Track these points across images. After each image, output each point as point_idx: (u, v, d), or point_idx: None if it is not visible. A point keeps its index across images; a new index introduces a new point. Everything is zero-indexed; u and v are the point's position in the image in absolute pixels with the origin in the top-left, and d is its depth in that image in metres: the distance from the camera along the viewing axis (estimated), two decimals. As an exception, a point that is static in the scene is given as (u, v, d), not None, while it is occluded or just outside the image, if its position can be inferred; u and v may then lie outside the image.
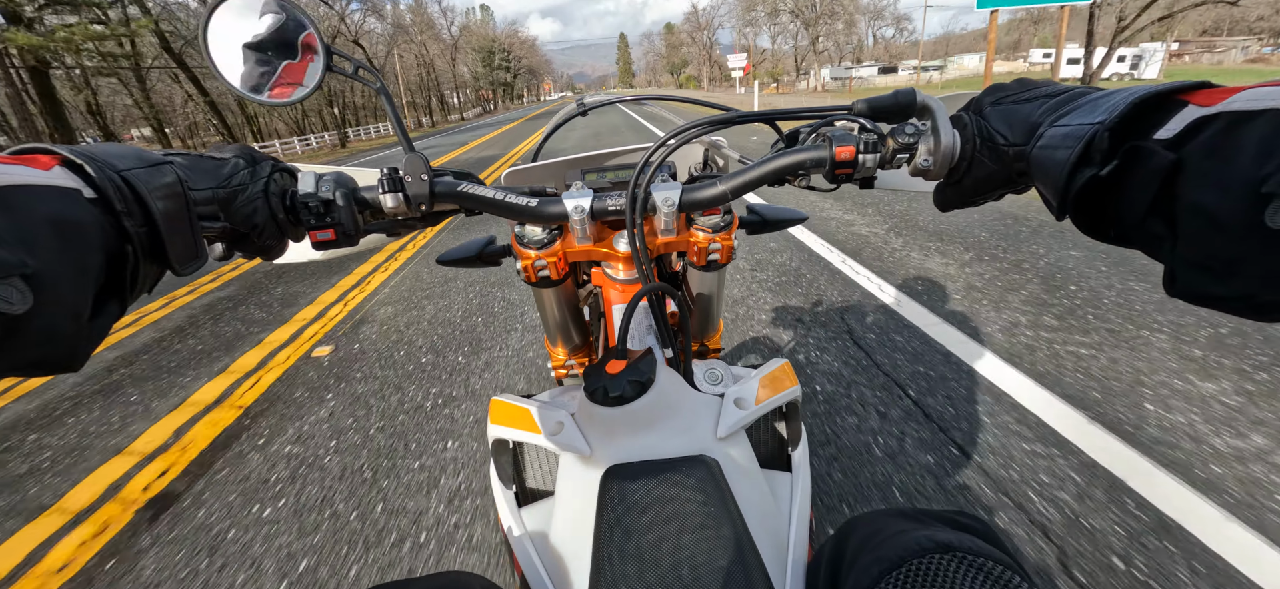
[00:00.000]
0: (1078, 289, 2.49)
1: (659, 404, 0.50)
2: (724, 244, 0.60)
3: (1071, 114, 0.35)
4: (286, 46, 0.52)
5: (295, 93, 0.53)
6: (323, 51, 0.52)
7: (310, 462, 1.79)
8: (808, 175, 0.53)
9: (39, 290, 0.26)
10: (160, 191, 0.35)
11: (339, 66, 0.53)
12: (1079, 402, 1.69)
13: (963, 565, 0.35)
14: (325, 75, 0.52)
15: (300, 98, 0.53)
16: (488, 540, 1.39)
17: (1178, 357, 1.89)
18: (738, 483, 0.46)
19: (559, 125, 0.94)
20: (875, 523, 0.44)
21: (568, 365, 0.94)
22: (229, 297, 3.62)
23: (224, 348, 2.79)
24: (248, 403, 2.20)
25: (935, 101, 0.46)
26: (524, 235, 0.61)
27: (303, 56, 0.52)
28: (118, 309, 0.34)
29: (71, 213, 0.29)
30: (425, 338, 2.64)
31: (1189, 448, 1.47)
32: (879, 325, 2.28)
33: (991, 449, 1.52)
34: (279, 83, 0.53)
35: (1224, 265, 0.27)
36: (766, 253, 3.36)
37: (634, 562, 0.41)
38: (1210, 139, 0.27)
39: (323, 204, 0.50)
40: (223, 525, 1.54)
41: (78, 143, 1.31)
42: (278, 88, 0.53)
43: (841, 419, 1.70)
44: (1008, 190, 0.45)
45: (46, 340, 0.28)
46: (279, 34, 0.51)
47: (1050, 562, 1.18)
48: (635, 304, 0.55)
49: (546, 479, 0.56)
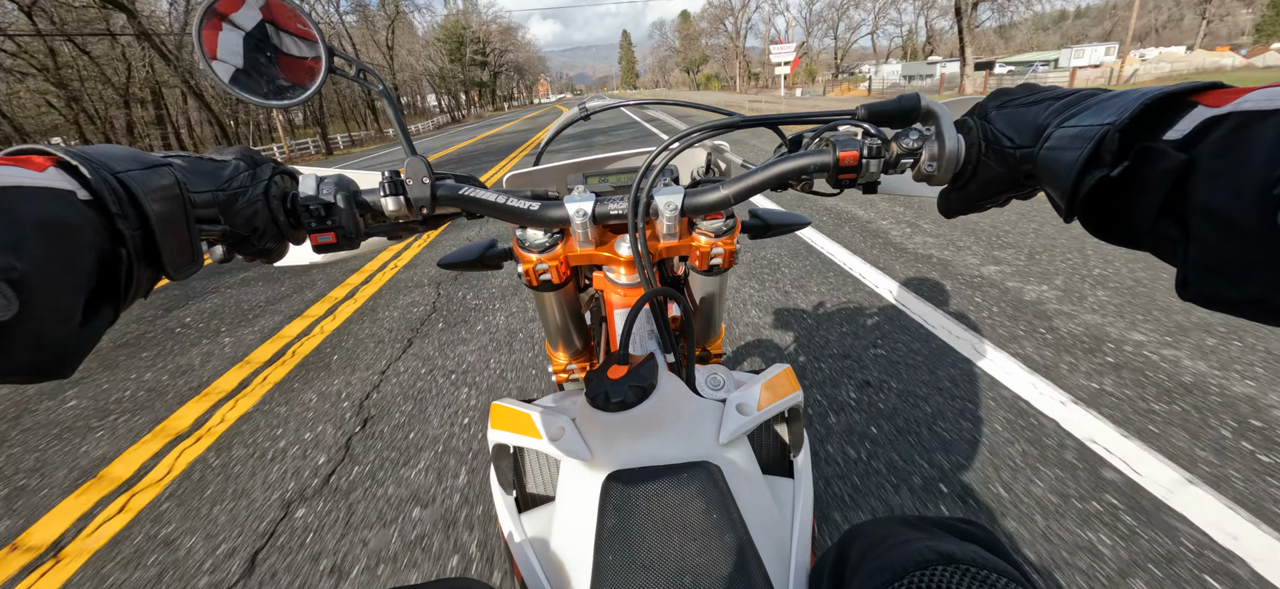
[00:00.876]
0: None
1: (661, 409, 0.50)
2: (726, 248, 0.59)
3: (1080, 115, 0.35)
4: (285, 47, 0.51)
5: (293, 95, 0.52)
6: (324, 53, 0.51)
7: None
8: (811, 180, 0.53)
9: (25, 294, 0.25)
10: (157, 194, 0.35)
11: (341, 68, 0.53)
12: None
13: (966, 577, 0.34)
14: (327, 77, 0.52)
15: (301, 100, 0.52)
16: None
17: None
18: (740, 489, 0.46)
19: (561, 130, 0.94)
20: (878, 531, 0.43)
21: (568, 370, 0.94)
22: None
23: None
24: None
25: (939, 106, 0.46)
26: (526, 239, 0.61)
27: (300, 58, 0.52)
28: (111, 313, 0.33)
29: (62, 215, 0.29)
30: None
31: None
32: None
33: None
34: (275, 84, 0.51)
35: (1237, 268, 0.26)
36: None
37: (636, 568, 0.40)
38: (1221, 140, 0.27)
39: (324, 207, 0.49)
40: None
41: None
42: (274, 90, 0.51)
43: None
44: (1014, 194, 0.44)
45: (34, 346, 0.27)
46: (274, 34, 0.50)
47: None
48: (638, 309, 0.54)
49: (547, 484, 0.55)
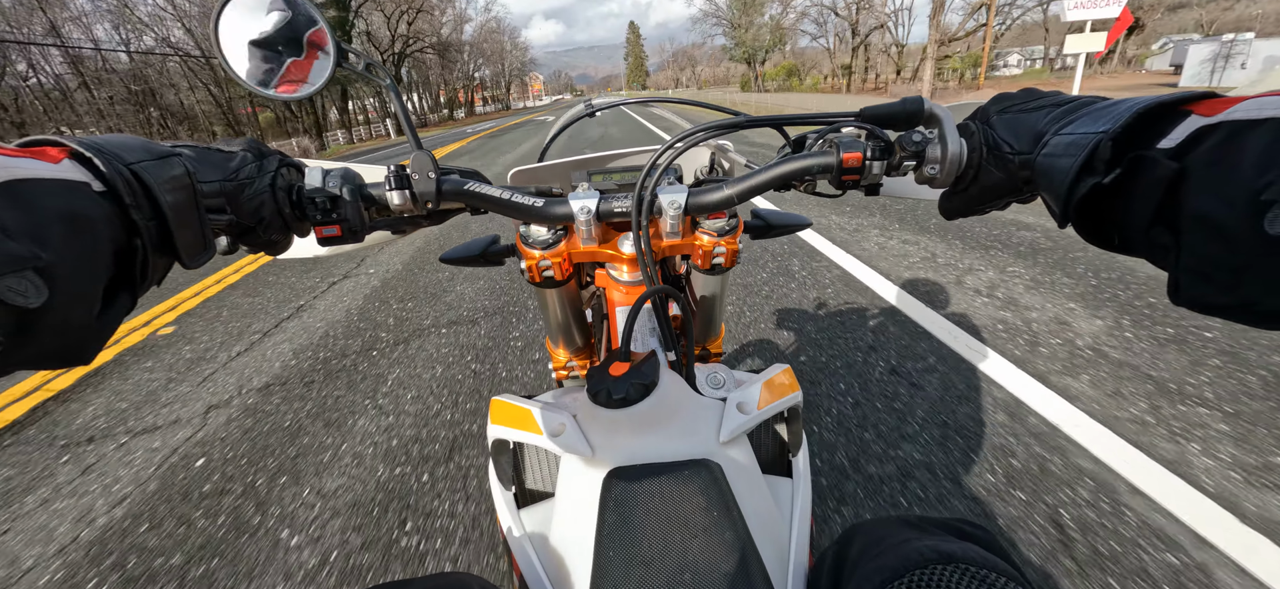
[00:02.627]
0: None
1: (662, 407, 0.50)
2: (728, 248, 0.60)
3: (1076, 123, 0.35)
4: (295, 42, 0.52)
5: (303, 89, 0.53)
6: (333, 48, 0.52)
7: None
8: (814, 181, 0.53)
9: (52, 283, 0.26)
10: (168, 184, 0.35)
11: (349, 63, 0.53)
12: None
13: (965, 576, 0.34)
14: (334, 71, 0.52)
15: (309, 93, 0.53)
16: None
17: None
18: (740, 487, 0.46)
19: (566, 126, 0.94)
20: (877, 530, 0.44)
21: (569, 367, 0.94)
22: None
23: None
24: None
25: (942, 109, 0.46)
26: (529, 235, 0.61)
27: (310, 53, 0.52)
28: (128, 301, 0.34)
29: (81, 206, 0.29)
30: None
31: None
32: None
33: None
34: (287, 78, 0.53)
35: (1227, 273, 0.27)
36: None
37: (636, 564, 0.41)
38: (1212, 148, 0.27)
39: (329, 200, 0.50)
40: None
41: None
42: (286, 83, 0.53)
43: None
44: (1014, 199, 0.45)
45: (61, 333, 0.28)
46: (288, 30, 0.51)
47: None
48: (640, 306, 0.54)
49: (546, 481, 0.56)
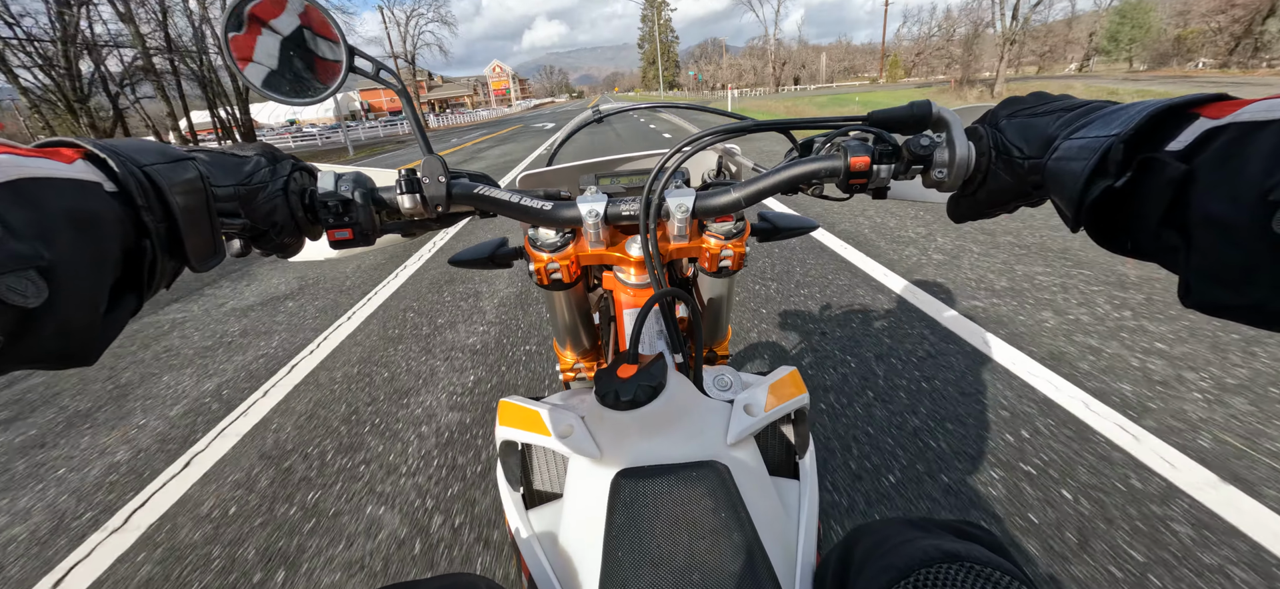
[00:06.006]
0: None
1: (670, 409, 0.50)
2: (736, 251, 0.60)
3: (1087, 127, 0.36)
4: (307, 46, 0.52)
5: (316, 92, 0.53)
6: (345, 52, 0.52)
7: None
8: (821, 185, 0.53)
9: (54, 283, 0.26)
10: (181, 187, 0.36)
11: (361, 67, 0.54)
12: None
13: (970, 575, 0.34)
14: (347, 76, 0.53)
15: (321, 97, 0.53)
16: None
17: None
18: (748, 489, 0.46)
19: (576, 130, 0.95)
20: (882, 531, 0.44)
21: (576, 369, 0.94)
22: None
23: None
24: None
25: (950, 113, 0.46)
26: (537, 238, 0.61)
27: (326, 58, 0.53)
28: (134, 303, 0.34)
29: (90, 206, 0.29)
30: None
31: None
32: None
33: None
34: (299, 82, 0.52)
35: (1236, 274, 0.27)
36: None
37: (645, 565, 0.41)
38: (1220, 149, 0.27)
39: (341, 203, 0.50)
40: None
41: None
42: (298, 87, 0.52)
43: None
44: (1022, 203, 0.45)
45: (61, 333, 0.27)
46: (300, 34, 0.51)
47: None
48: (648, 309, 0.55)
49: (554, 482, 0.56)
